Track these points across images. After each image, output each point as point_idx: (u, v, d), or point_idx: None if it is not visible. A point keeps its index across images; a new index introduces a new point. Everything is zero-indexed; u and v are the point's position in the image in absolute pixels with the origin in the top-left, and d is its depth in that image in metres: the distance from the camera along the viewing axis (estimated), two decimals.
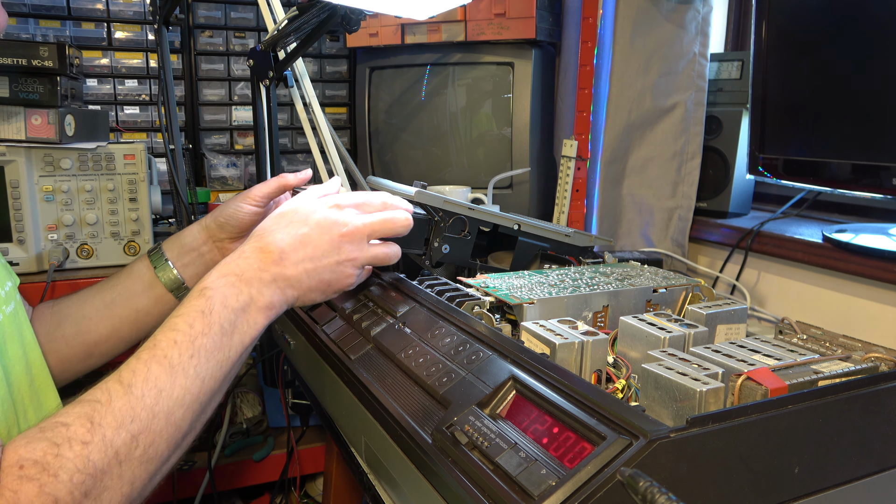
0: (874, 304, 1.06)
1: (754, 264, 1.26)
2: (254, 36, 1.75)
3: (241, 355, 0.67)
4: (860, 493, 0.55)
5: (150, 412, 0.58)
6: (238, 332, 0.66)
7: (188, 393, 0.61)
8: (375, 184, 1.12)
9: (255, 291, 0.68)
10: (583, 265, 1.01)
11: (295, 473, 1.47)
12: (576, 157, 1.41)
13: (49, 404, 0.81)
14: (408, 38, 1.57)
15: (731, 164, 1.33)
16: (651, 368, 0.59)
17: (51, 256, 1.23)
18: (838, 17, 1.00)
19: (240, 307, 0.66)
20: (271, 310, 0.69)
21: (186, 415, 0.61)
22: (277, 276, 0.70)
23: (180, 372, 0.61)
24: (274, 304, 0.69)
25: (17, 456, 0.52)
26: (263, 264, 0.69)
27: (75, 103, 1.28)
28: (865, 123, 0.98)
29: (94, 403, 0.56)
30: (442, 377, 0.62)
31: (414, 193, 0.90)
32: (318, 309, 0.92)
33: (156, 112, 1.66)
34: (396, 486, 0.65)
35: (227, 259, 0.70)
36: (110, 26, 1.61)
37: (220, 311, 0.65)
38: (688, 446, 0.45)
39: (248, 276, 0.68)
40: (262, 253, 0.70)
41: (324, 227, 0.73)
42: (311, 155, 1.42)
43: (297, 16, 1.06)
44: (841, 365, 0.62)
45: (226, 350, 0.65)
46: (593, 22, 1.36)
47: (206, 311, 0.64)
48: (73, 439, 0.54)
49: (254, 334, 0.68)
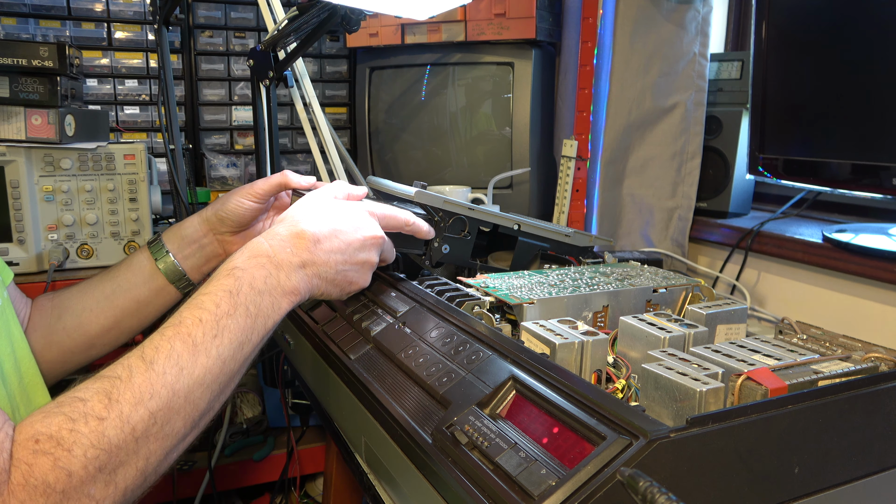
0: (874, 304, 1.06)
1: (754, 264, 1.26)
2: (254, 36, 1.75)
3: (263, 338, 0.67)
4: (860, 493, 0.55)
5: (171, 389, 0.58)
6: (262, 314, 0.66)
7: (209, 373, 0.61)
8: (375, 184, 1.12)
9: (284, 275, 0.68)
10: (583, 265, 1.01)
11: (295, 473, 1.47)
12: (576, 157, 1.41)
13: (38, 401, 0.81)
14: (408, 38, 1.57)
15: (731, 164, 1.33)
16: (651, 368, 0.59)
17: (51, 256, 1.23)
18: (838, 17, 1.00)
19: (267, 290, 0.67)
20: (296, 295, 0.70)
21: (205, 394, 0.61)
22: (308, 261, 0.71)
23: (203, 351, 0.61)
24: (300, 289, 0.70)
25: (34, 430, 0.52)
26: (297, 249, 0.70)
27: (75, 103, 1.28)
28: (865, 123, 0.98)
29: (113, 380, 0.57)
30: (442, 377, 0.62)
31: (414, 193, 0.90)
32: (318, 309, 0.92)
33: (156, 112, 1.66)
34: (396, 486, 0.65)
35: (258, 240, 0.70)
36: (110, 26, 1.61)
37: (247, 292, 0.65)
38: (688, 446, 0.45)
39: (280, 259, 0.69)
40: (297, 238, 0.71)
41: (357, 226, 0.75)
42: (311, 155, 1.42)
43: (297, 16, 1.06)
44: (841, 365, 0.62)
45: (249, 332, 0.65)
46: (593, 22, 1.36)
47: (234, 291, 0.65)
48: (90, 415, 0.54)
49: (277, 318, 0.68)
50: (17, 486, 0.50)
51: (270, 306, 0.67)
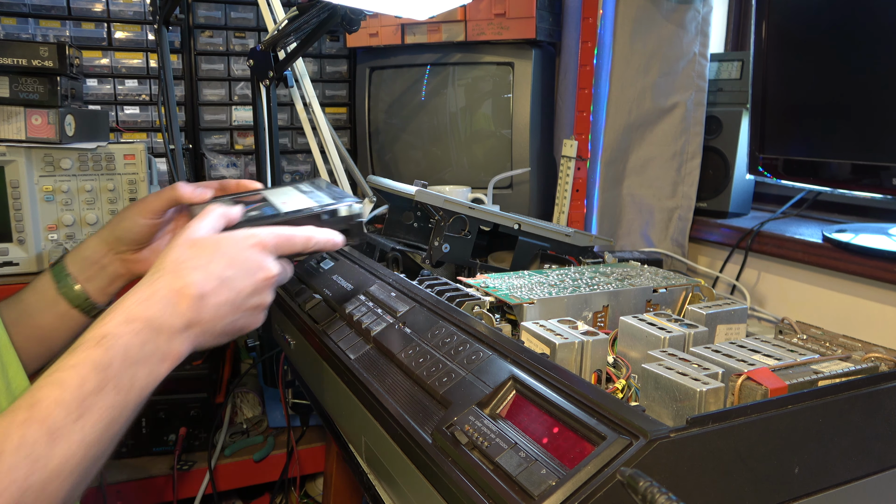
0: (874, 304, 1.06)
1: (754, 264, 1.26)
2: (254, 36, 1.75)
3: (137, 409, 0.59)
4: (860, 493, 0.55)
5: (21, 487, 0.50)
6: (137, 387, 0.58)
7: (69, 461, 0.53)
8: (375, 183, 1.12)
9: (164, 340, 0.60)
10: (583, 265, 1.01)
11: (295, 473, 1.47)
12: (576, 157, 1.41)
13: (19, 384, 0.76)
14: (408, 38, 1.57)
15: (731, 164, 1.33)
16: (651, 368, 0.59)
17: (51, 256, 1.24)
18: (838, 17, 1.00)
19: (143, 358, 0.58)
20: (178, 359, 0.62)
21: (65, 485, 0.53)
22: (192, 321, 0.62)
23: (62, 438, 0.53)
24: (182, 353, 0.62)
25: None
26: (178, 308, 0.61)
27: (75, 103, 1.29)
28: (865, 123, 0.98)
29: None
30: (442, 377, 0.62)
31: (415, 192, 0.90)
32: (318, 309, 0.92)
33: (156, 112, 1.66)
34: (396, 486, 0.65)
35: (134, 297, 0.61)
36: (110, 26, 1.61)
37: (119, 365, 0.56)
38: (688, 446, 0.45)
39: (159, 324, 0.60)
40: (179, 295, 0.61)
41: (249, 270, 0.66)
42: (311, 155, 1.42)
43: (297, 16, 1.07)
44: (841, 365, 0.62)
45: (121, 408, 0.57)
46: (593, 22, 1.36)
47: (104, 364, 0.56)
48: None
49: (154, 386, 0.60)
50: None
51: (147, 376, 0.59)
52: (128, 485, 1.32)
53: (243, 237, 0.68)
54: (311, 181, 0.87)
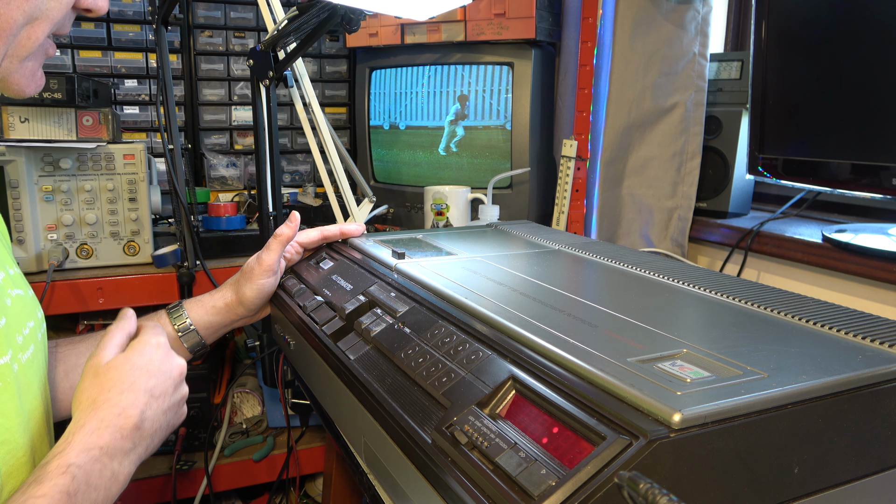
0: (874, 304, 1.06)
1: (754, 264, 1.26)
2: (254, 36, 1.75)
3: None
4: (860, 493, 0.55)
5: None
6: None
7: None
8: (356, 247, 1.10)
9: (118, 464, 0.67)
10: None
11: (294, 473, 1.47)
12: (576, 157, 1.41)
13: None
14: (408, 38, 1.57)
15: (731, 164, 1.33)
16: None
17: (50, 256, 1.23)
18: (838, 17, 1.00)
19: (103, 483, 0.65)
20: (126, 481, 0.69)
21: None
22: (138, 440, 0.69)
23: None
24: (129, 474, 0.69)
25: None
26: (124, 432, 0.68)
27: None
28: (865, 123, 0.98)
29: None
30: (441, 377, 0.62)
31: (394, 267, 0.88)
32: (318, 309, 0.92)
33: (155, 112, 1.66)
34: (396, 486, 0.65)
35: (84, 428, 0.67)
36: (110, 26, 1.61)
37: (84, 491, 0.63)
38: (688, 446, 0.45)
39: (112, 450, 0.67)
40: (121, 419, 0.68)
41: (165, 371, 0.74)
42: (311, 155, 1.42)
43: (297, 16, 1.06)
44: None
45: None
46: (593, 22, 1.36)
47: (72, 492, 0.62)
48: None
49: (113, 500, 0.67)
50: None
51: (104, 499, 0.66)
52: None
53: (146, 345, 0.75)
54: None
